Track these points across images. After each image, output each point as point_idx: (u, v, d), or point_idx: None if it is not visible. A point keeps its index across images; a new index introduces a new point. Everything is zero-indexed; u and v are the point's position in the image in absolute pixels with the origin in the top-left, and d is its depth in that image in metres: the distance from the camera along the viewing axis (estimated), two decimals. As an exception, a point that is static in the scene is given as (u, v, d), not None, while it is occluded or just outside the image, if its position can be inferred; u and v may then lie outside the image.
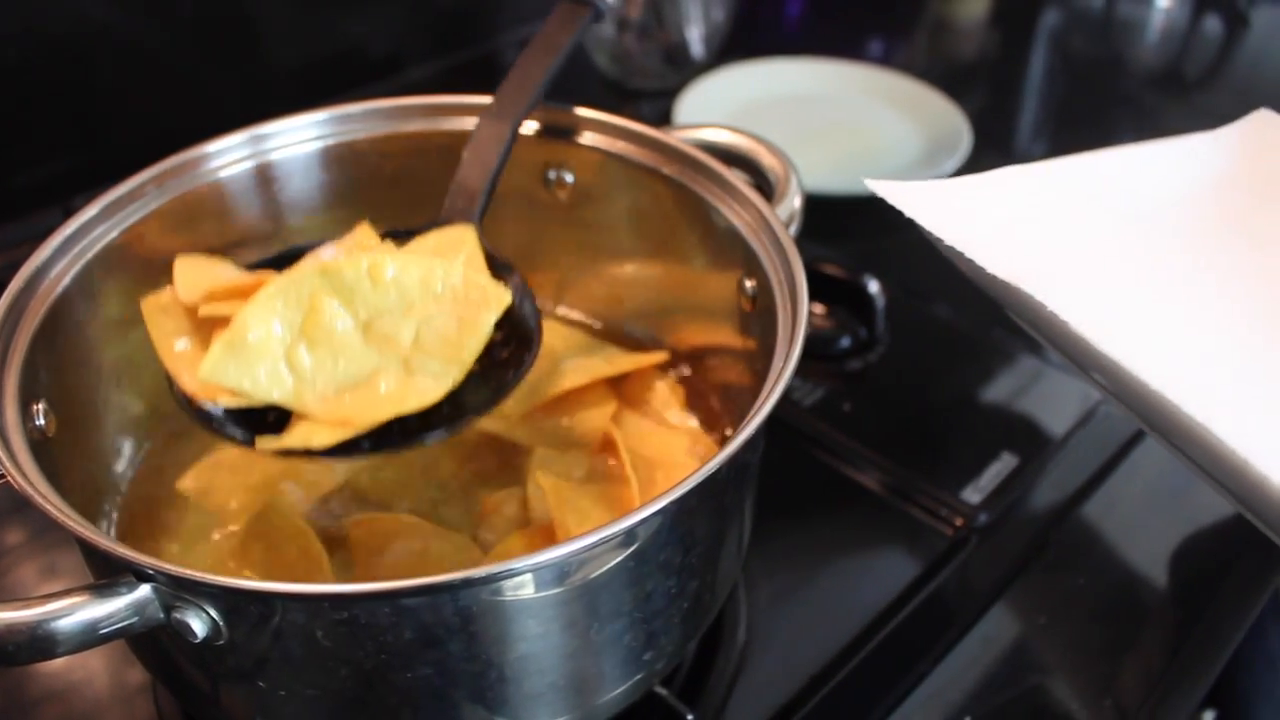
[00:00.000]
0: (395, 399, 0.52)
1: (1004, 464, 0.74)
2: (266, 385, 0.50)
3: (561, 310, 0.75)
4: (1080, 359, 0.51)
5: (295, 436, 0.51)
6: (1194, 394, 0.46)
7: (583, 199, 0.68)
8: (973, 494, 0.72)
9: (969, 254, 0.52)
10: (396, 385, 0.52)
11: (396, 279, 0.52)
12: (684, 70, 1.20)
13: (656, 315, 0.71)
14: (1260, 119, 0.63)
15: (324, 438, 0.50)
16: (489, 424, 0.66)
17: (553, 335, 0.72)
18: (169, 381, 0.52)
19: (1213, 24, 1.53)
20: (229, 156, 0.63)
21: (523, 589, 0.44)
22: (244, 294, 0.51)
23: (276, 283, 0.51)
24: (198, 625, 0.42)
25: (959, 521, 0.71)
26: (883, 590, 0.67)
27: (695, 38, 1.18)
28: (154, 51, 0.99)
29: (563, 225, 0.70)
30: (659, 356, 0.70)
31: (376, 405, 0.51)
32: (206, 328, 0.52)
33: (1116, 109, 1.32)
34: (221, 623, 0.43)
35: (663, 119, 1.13)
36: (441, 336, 0.53)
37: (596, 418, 0.66)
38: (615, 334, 0.74)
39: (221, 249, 0.64)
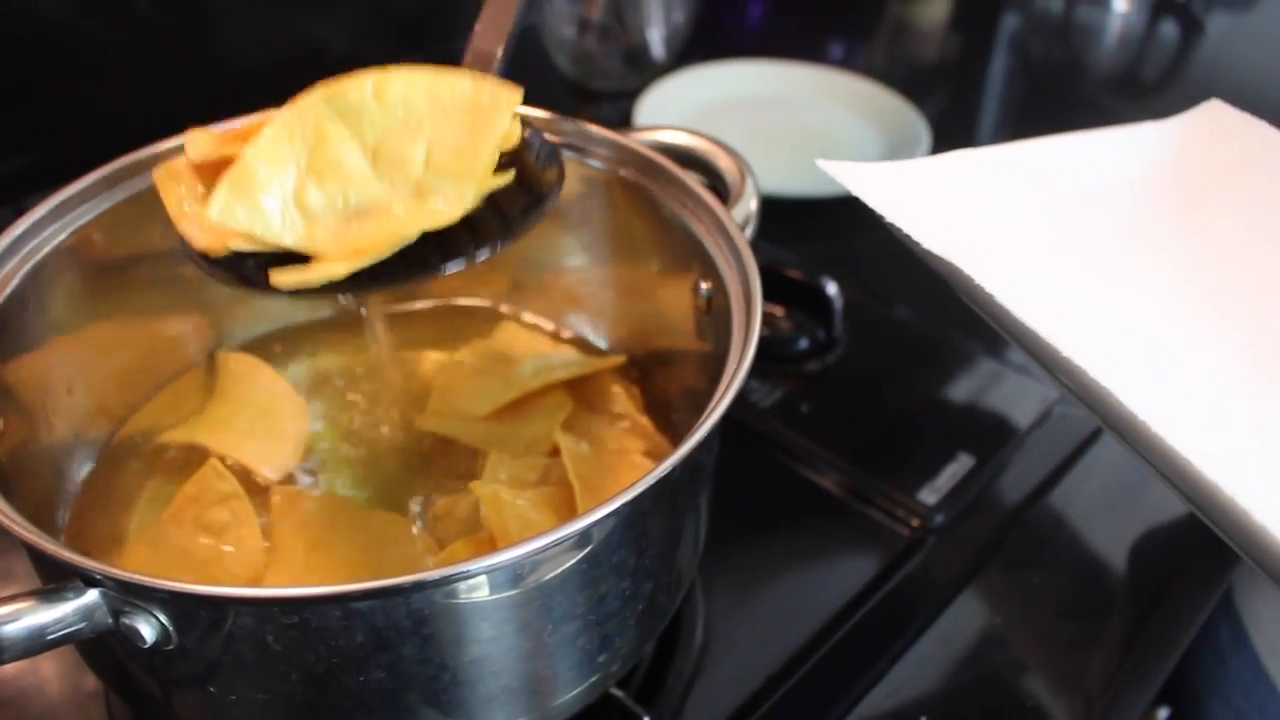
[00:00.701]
0: (411, 222, 0.49)
1: (961, 465, 0.75)
2: (278, 225, 0.48)
3: (519, 314, 0.75)
4: (1020, 341, 0.51)
5: (313, 271, 0.48)
6: (1132, 385, 0.46)
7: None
8: (929, 495, 0.72)
9: (912, 232, 0.52)
10: (410, 211, 0.50)
11: (404, 95, 0.50)
12: (645, 72, 1.20)
13: (614, 318, 0.72)
14: (1210, 109, 0.64)
15: (342, 268, 0.48)
16: (445, 426, 0.66)
17: (510, 339, 0.73)
18: (182, 244, 0.51)
19: (1169, 29, 1.54)
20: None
21: (475, 592, 0.44)
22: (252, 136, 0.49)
23: (280, 116, 0.49)
24: (147, 630, 0.42)
25: (916, 522, 0.71)
26: (840, 591, 0.67)
27: (656, 39, 1.18)
28: (109, 49, 0.98)
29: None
30: (616, 360, 0.70)
31: (392, 231, 0.49)
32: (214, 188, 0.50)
33: (1075, 112, 1.33)
34: (171, 627, 0.42)
35: (623, 120, 1.13)
36: (454, 150, 0.50)
37: (552, 422, 0.66)
38: (573, 338, 0.74)
39: (174, 251, 0.64)
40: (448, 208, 0.50)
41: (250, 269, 0.49)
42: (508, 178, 0.52)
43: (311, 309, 0.73)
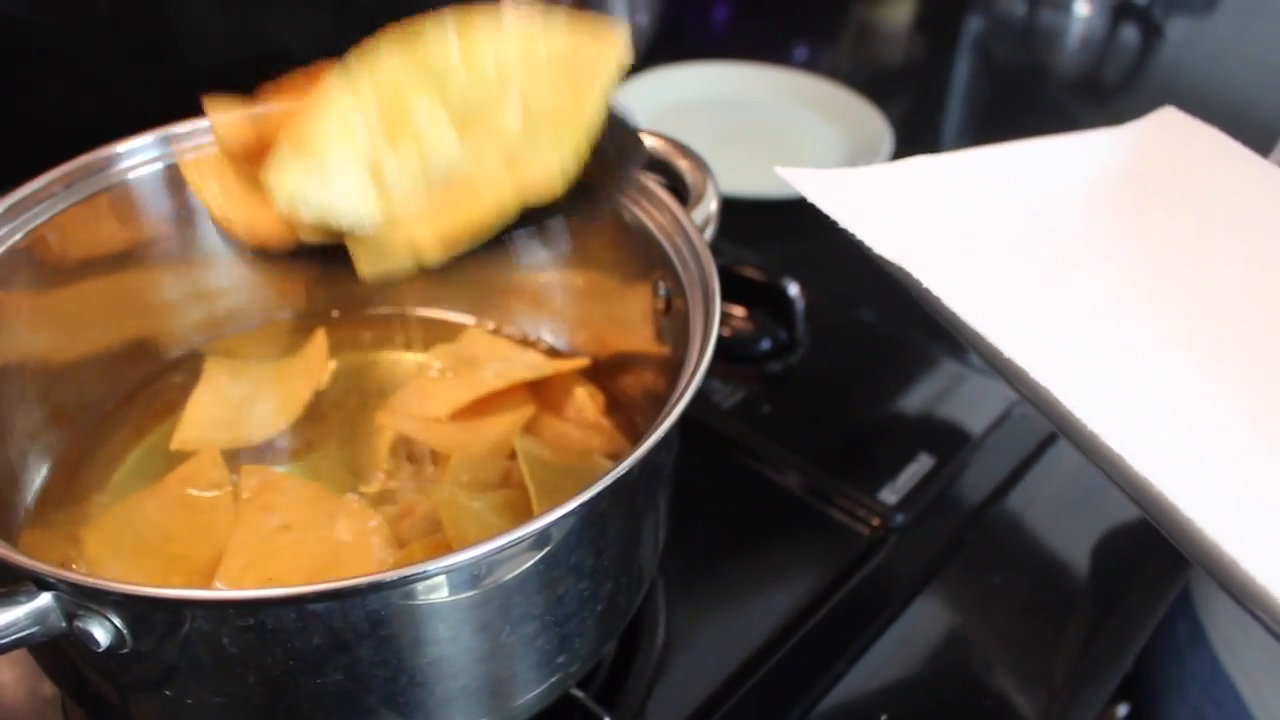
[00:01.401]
0: (509, 196, 0.44)
1: (921, 465, 0.75)
2: (352, 201, 0.43)
3: (480, 317, 0.75)
4: (971, 344, 0.52)
5: (406, 257, 0.44)
6: (1078, 388, 0.47)
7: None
8: (890, 495, 0.73)
9: (866, 238, 0.53)
10: (505, 184, 0.44)
11: (495, 56, 0.44)
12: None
13: (575, 322, 0.72)
14: (1164, 116, 0.65)
15: (438, 254, 0.44)
16: (407, 427, 0.66)
17: (474, 342, 0.72)
18: (229, 240, 0.47)
19: (1129, 33, 1.56)
20: (139, 157, 0.62)
21: (432, 593, 0.44)
22: (305, 93, 0.44)
23: (348, 85, 0.44)
24: (100, 633, 0.42)
25: (876, 522, 0.71)
26: (801, 590, 0.67)
27: (620, 41, 1.18)
28: (66, 47, 0.97)
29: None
30: (579, 362, 0.70)
31: (490, 208, 0.44)
32: (257, 178, 0.46)
33: (1038, 114, 1.34)
34: (125, 630, 0.42)
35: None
36: (551, 112, 0.45)
37: (513, 423, 0.66)
38: (535, 340, 0.74)
39: (130, 252, 0.63)
40: (547, 178, 0.45)
41: (317, 257, 0.46)
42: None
43: (269, 313, 0.73)
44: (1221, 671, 0.84)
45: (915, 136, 1.21)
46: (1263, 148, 0.76)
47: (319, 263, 0.46)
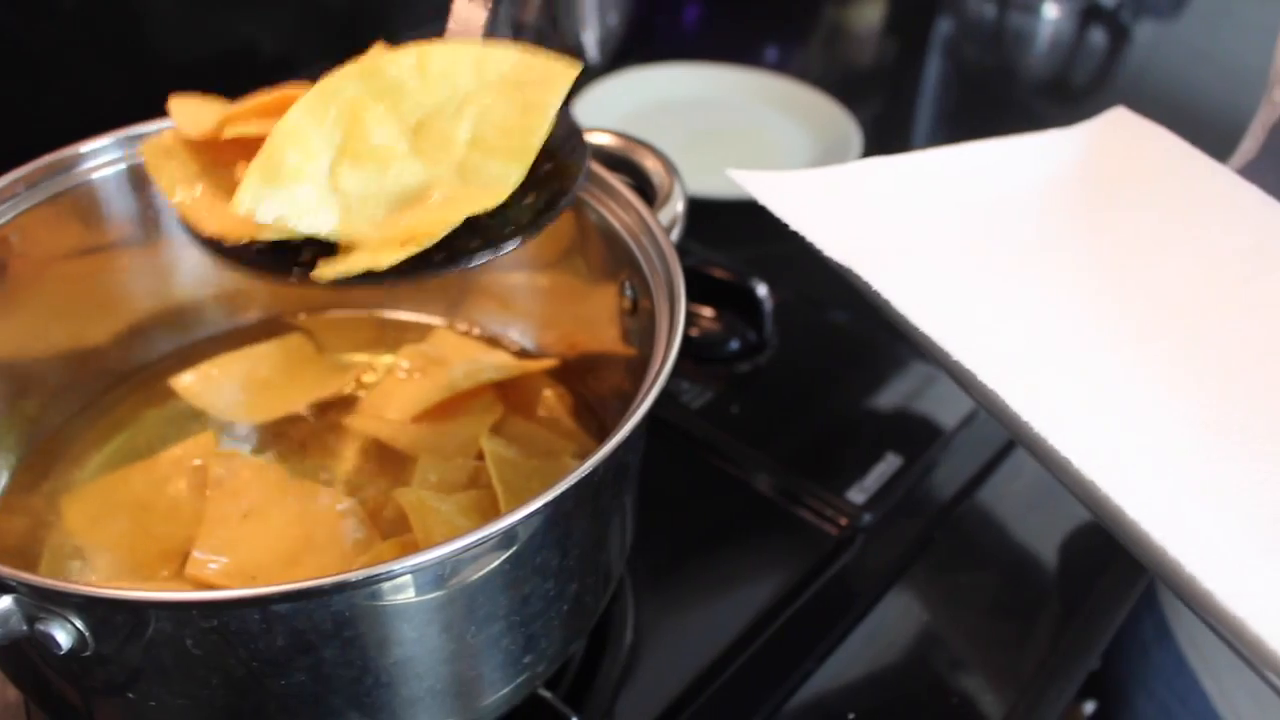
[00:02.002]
0: (458, 207, 0.46)
1: (889, 464, 0.75)
2: (312, 213, 0.44)
3: (449, 318, 0.75)
4: (921, 346, 0.52)
5: (358, 259, 0.45)
6: (1024, 391, 0.47)
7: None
8: (857, 494, 0.73)
9: (816, 240, 0.53)
10: (455, 195, 0.46)
11: (447, 71, 0.46)
12: (580, 74, 1.19)
13: (543, 322, 0.72)
14: (1115, 117, 0.65)
15: (388, 258, 0.45)
16: (375, 428, 0.66)
17: (442, 343, 0.72)
18: (188, 229, 0.47)
19: (1097, 35, 1.57)
20: (103, 158, 0.62)
21: (397, 593, 0.44)
22: (270, 112, 0.46)
23: (311, 94, 0.45)
24: (62, 636, 0.41)
25: (844, 521, 0.72)
26: (769, 590, 0.67)
27: (590, 42, 1.18)
28: (31, 44, 0.96)
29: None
30: (547, 363, 0.70)
31: (439, 218, 0.45)
32: (217, 164, 0.47)
33: (1007, 116, 1.35)
34: (87, 633, 0.42)
35: (558, 123, 1.13)
36: (502, 128, 0.47)
37: (481, 424, 0.66)
38: (503, 341, 0.74)
39: (95, 253, 0.63)
40: (495, 191, 0.47)
41: (274, 257, 0.46)
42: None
43: (235, 315, 0.72)
44: (1186, 667, 0.84)
45: (885, 138, 1.22)
46: (1227, 148, 0.77)
47: (273, 262, 0.46)
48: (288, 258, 0.47)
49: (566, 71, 0.48)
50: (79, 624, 0.41)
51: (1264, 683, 0.39)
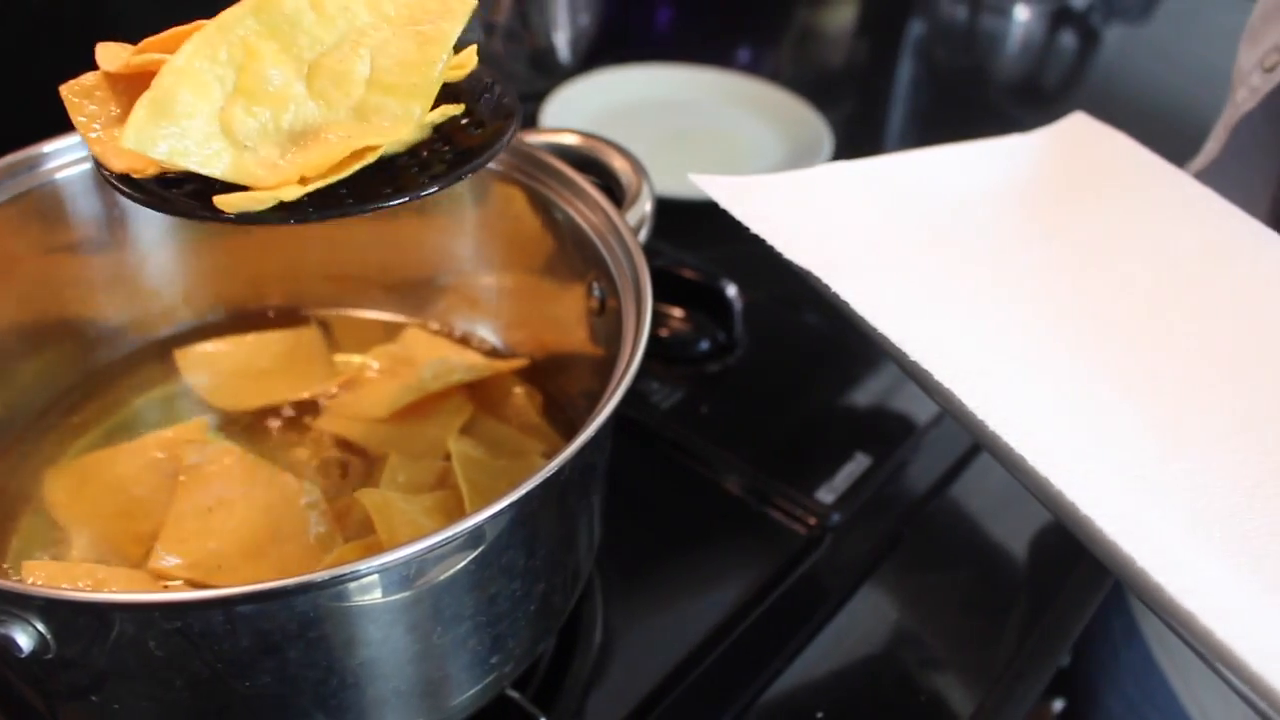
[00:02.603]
0: (351, 143, 0.45)
1: (858, 464, 0.76)
2: (202, 151, 0.43)
3: (418, 318, 0.75)
4: (880, 346, 0.52)
5: (262, 194, 0.44)
6: (982, 392, 0.48)
7: (436, 202, 0.68)
8: (827, 494, 0.73)
9: (775, 242, 0.53)
10: (351, 133, 0.45)
11: (342, 5, 0.46)
12: (551, 75, 1.20)
13: (512, 322, 0.72)
14: (1074, 122, 0.66)
15: (294, 191, 0.44)
16: (344, 428, 0.66)
17: (413, 343, 0.72)
18: (95, 165, 0.46)
19: (1068, 38, 1.58)
20: (67, 157, 0.61)
21: (362, 593, 0.43)
22: (176, 46, 0.44)
23: (203, 31, 0.44)
24: (23, 639, 0.41)
25: (813, 521, 0.72)
26: (738, 589, 0.67)
27: (562, 42, 1.18)
28: (-2, 46, 0.96)
29: (418, 230, 0.70)
30: (517, 363, 0.70)
31: (336, 152, 0.45)
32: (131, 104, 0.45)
33: (979, 118, 1.35)
34: (49, 635, 0.41)
35: (530, 123, 1.13)
36: (400, 63, 0.46)
37: (450, 425, 0.66)
38: (473, 341, 0.73)
39: (60, 253, 0.63)
40: (393, 127, 0.46)
41: (185, 193, 0.45)
42: (457, 109, 0.48)
43: (203, 314, 0.72)
44: (1154, 665, 0.85)
45: (857, 139, 1.22)
46: (1193, 149, 0.77)
47: (184, 202, 0.45)
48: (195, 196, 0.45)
49: (464, 2, 0.47)
50: (40, 627, 0.41)
51: (1220, 678, 0.39)
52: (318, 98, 0.46)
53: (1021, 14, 1.61)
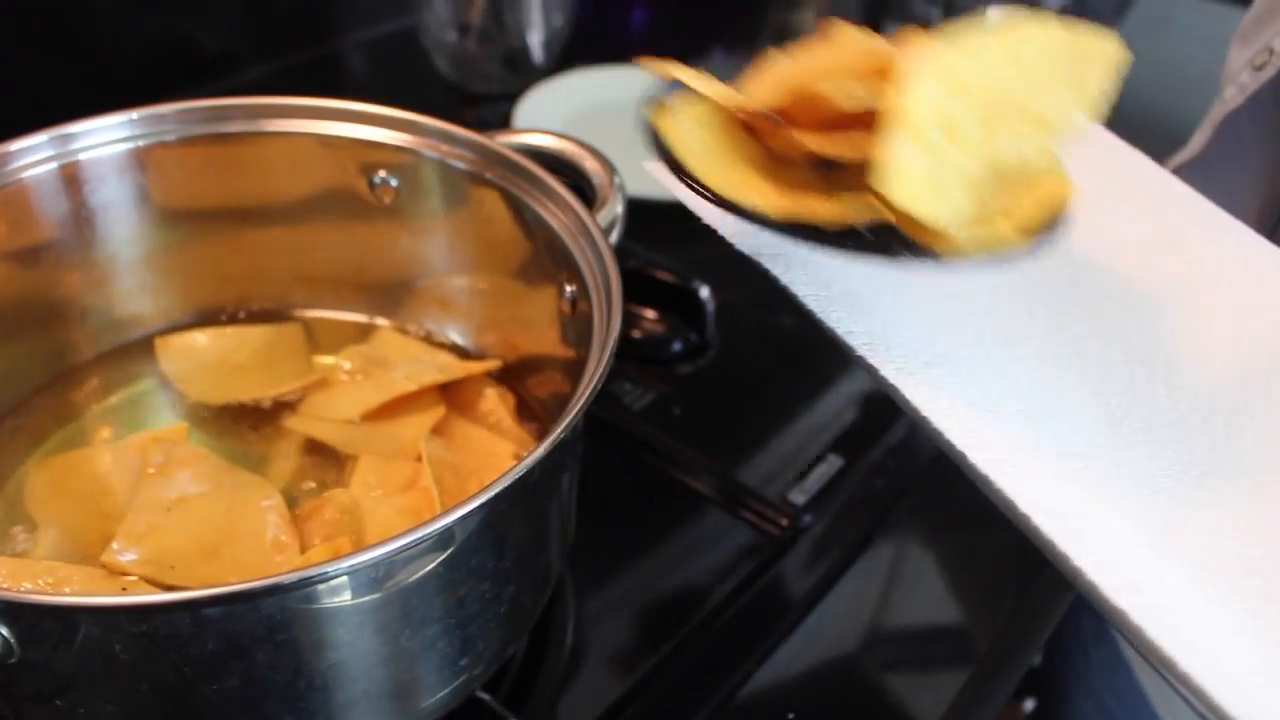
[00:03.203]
0: (1052, 187, 0.44)
1: (830, 465, 0.76)
2: (950, 205, 0.41)
3: (390, 319, 0.74)
4: (834, 337, 0.52)
5: (999, 236, 0.42)
6: (926, 383, 0.48)
7: (408, 203, 0.68)
8: (798, 495, 0.73)
9: (723, 230, 0.53)
10: (1036, 178, 0.44)
11: (1028, 48, 0.44)
12: (525, 75, 1.19)
13: (485, 323, 0.71)
14: None
15: (1015, 242, 0.43)
16: (316, 429, 0.66)
17: (386, 343, 0.72)
18: (705, 197, 0.45)
19: (1040, 40, 1.59)
20: (32, 156, 0.61)
21: (330, 596, 0.43)
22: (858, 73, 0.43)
23: (931, 67, 0.41)
24: (-12, 643, 0.41)
25: (784, 522, 0.72)
26: (709, 591, 0.68)
27: (536, 43, 1.18)
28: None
29: (389, 231, 0.69)
30: (490, 364, 0.70)
31: (1048, 199, 0.44)
32: (739, 135, 0.46)
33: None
34: (13, 639, 0.41)
35: (504, 123, 1.13)
36: (1055, 109, 0.45)
37: (423, 426, 0.65)
38: (446, 342, 0.73)
39: (26, 254, 0.62)
40: (1059, 178, 0.45)
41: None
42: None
43: (172, 316, 0.72)
44: (1124, 664, 0.86)
45: (830, 140, 1.22)
46: (1167, 149, 0.78)
47: (867, 243, 0.44)
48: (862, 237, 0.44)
49: (1112, 46, 0.46)
50: (4, 631, 0.41)
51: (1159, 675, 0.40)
52: (995, 141, 0.44)
53: (994, 16, 1.61)
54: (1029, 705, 0.97)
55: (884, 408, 0.81)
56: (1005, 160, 0.44)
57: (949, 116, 0.42)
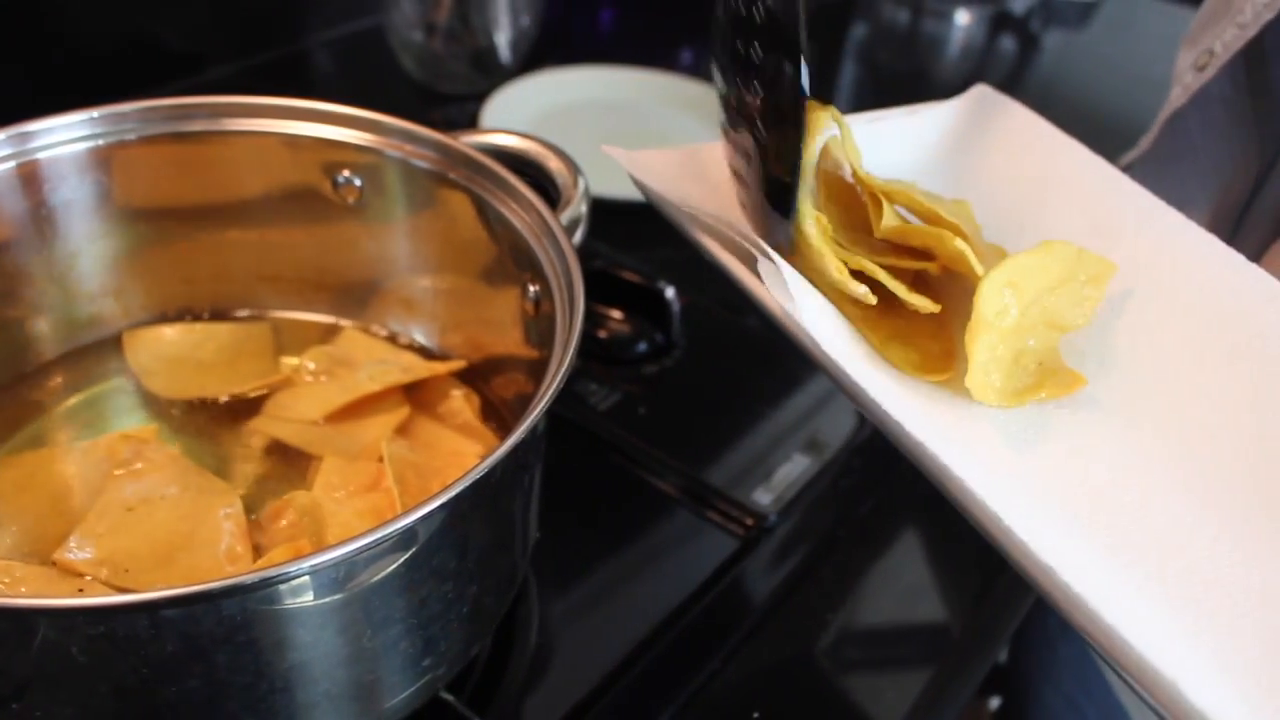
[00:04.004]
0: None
1: (795, 465, 0.76)
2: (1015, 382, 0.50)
3: (354, 320, 0.74)
4: (797, 341, 0.53)
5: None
6: (870, 374, 0.49)
7: (372, 203, 0.67)
8: (763, 495, 0.73)
9: (671, 212, 0.54)
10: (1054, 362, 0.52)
11: (1056, 261, 0.52)
12: (493, 75, 1.19)
13: (450, 323, 0.71)
14: (978, 93, 0.67)
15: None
16: (279, 429, 0.65)
17: (351, 344, 0.72)
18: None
19: (1008, 43, 1.60)
20: (-12, 154, 0.60)
21: (291, 596, 0.43)
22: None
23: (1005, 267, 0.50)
24: (-58, 645, 0.40)
25: (750, 522, 0.72)
26: (675, 591, 0.68)
27: (503, 43, 1.18)
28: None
29: (353, 231, 0.69)
30: (455, 364, 0.70)
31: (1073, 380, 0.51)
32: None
33: (919, 121, 1.37)
34: (-32, 642, 0.41)
35: (471, 123, 1.13)
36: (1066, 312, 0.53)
37: (387, 426, 0.65)
38: (411, 342, 0.73)
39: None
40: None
41: None
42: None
43: (135, 317, 0.71)
44: (1092, 660, 0.86)
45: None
46: (1127, 148, 0.79)
47: None
48: None
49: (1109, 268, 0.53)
50: (-40, 633, 0.41)
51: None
52: (1034, 335, 0.51)
53: (962, 18, 1.62)
54: (994, 703, 0.98)
55: (850, 409, 0.82)
56: (1026, 350, 0.51)
57: (1005, 311, 0.50)
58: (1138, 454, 0.48)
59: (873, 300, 0.51)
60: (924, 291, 0.51)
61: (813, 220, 0.51)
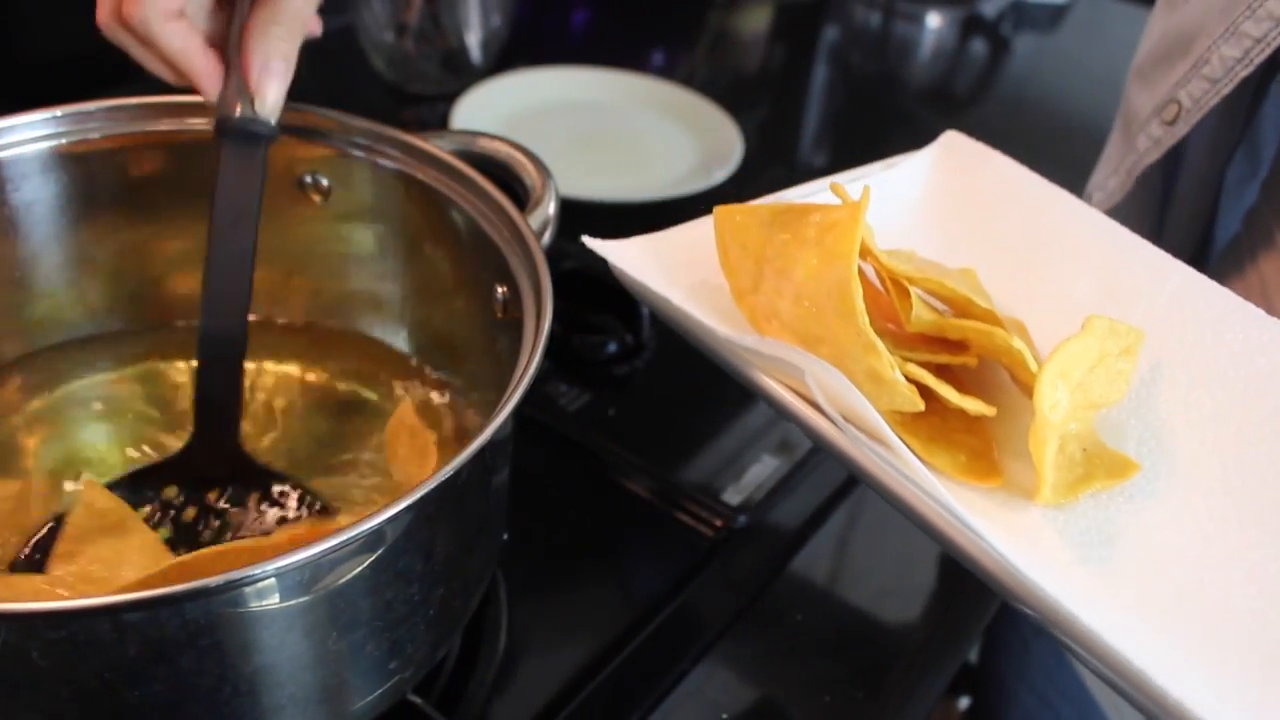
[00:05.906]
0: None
1: (765, 466, 0.76)
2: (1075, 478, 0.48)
3: (323, 321, 0.74)
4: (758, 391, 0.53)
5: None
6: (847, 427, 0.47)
7: (339, 204, 0.67)
8: (733, 496, 0.74)
9: (653, 301, 0.53)
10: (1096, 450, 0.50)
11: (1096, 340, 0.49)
12: (464, 76, 1.19)
13: (418, 325, 0.71)
14: (948, 141, 0.64)
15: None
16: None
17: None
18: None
19: (979, 46, 1.61)
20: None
21: (255, 599, 0.43)
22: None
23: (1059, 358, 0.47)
24: (-100, 650, 0.40)
25: (719, 523, 0.72)
26: (644, 592, 0.68)
27: (474, 43, 1.18)
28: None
29: (321, 232, 0.69)
30: (424, 369, 0.70)
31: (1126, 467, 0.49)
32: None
33: (891, 123, 1.37)
34: (-73, 647, 0.41)
35: (442, 124, 1.13)
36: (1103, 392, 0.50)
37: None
38: (380, 346, 0.72)
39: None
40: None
41: None
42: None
43: (99, 322, 0.70)
44: (1065, 660, 0.87)
45: (771, 143, 1.23)
46: (1097, 152, 0.79)
47: None
48: None
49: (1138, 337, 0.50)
50: (-82, 637, 0.40)
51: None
52: (1075, 419, 0.48)
53: (933, 21, 1.63)
54: (964, 703, 0.98)
55: (819, 408, 0.82)
56: (1069, 435, 0.48)
57: (1058, 405, 0.47)
58: (1206, 539, 0.46)
59: (920, 406, 0.46)
60: (948, 380, 0.48)
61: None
